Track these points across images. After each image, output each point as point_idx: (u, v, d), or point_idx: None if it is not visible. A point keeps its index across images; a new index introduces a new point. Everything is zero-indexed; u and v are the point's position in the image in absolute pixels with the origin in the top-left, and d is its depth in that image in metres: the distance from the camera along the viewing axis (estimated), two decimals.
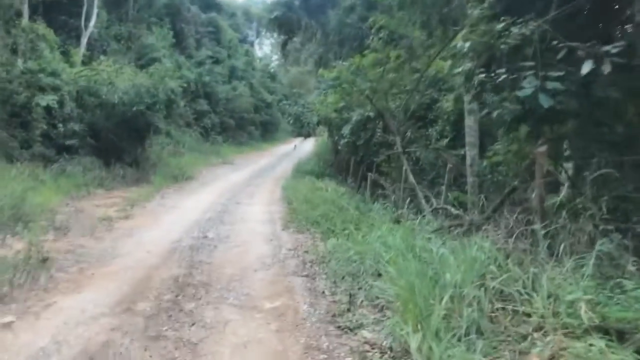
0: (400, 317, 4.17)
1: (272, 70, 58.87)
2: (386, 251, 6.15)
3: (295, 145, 37.51)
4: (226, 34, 44.95)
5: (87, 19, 24.86)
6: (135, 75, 20.29)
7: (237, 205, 14.09)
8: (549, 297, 3.90)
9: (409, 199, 11.24)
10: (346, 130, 18.57)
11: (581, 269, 4.26)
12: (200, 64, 36.06)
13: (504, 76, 5.36)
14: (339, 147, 25.98)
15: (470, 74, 5.88)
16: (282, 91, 54.87)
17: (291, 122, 23.11)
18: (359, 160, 18.88)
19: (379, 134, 17.61)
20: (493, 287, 4.14)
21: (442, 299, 3.98)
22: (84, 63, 22.19)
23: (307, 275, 6.52)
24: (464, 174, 12.07)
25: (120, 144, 18.95)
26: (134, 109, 18.34)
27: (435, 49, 10.81)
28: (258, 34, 76.14)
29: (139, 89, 18.87)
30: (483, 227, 5.98)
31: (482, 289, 4.10)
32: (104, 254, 7.90)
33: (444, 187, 9.85)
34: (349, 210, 10.28)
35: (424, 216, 7.64)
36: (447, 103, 15.40)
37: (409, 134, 13.51)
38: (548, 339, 3.45)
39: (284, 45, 30.24)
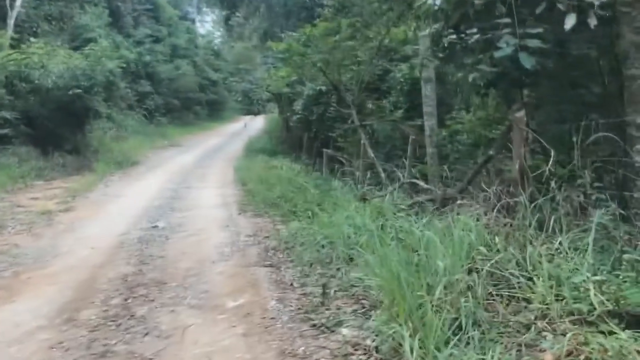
0: (386, 312, 3.67)
1: (215, 47, 57.14)
2: (357, 233, 5.66)
3: (245, 124, 36.65)
4: (165, 11, 43.06)
5: None
6: (69, 57, 18.95)
7: (187, 189, 13.34)
8: (549, 278, 3.47)
9: (368, 174, 10.80)
10: (298, 105, 17.95)
11: (578, 244, 3.88)
12: (139, 43, 34.43)
13: (476, 36, 4.86)
14: (290, 124, 25.41)
15: (439, 35, 5.38)
16: (227, 69, 53.33)
17: (239, 99, 22.24)
18: (312, 136, 18.34)
19: (332, 108, 17.07)
20: (485, 271, 3.69)
21: (431, 289, 3.50)
22: (12, 47, 20.59)
23: (271, 265, 5.95)
24: (422, 145, 11.71)
25: (58, 131, 17.74)
26: (70, 92, 17.17)
27: (392, 14, 10.26)
28: (199, 11, 73.76)
29: (74, 71, 17.69)
30: (457, 202, 5.54)
31: (475, 274, 3.65)
32: (43, 253, 7.11)
33: (406, 160, 9.39)
34: (308, 189, 9.72)
35: (391, 192, 7.15)
36: (399, 73, 14.99)
37: (366, 106, 12.99)
38: (560, 328, 3.02)
39: (226, 20, 29.11)
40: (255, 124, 38.08)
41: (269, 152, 21.71)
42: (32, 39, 21.07)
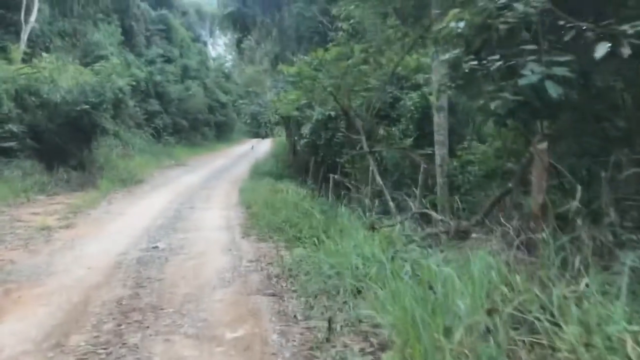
0: (398, 354, 3.37)
1: (226, 70, 57.47)
2: (366, 264, 5.37)
3: (252, 146, 36.60)
4: (178, 32, 43.43)
5: (28, 14, 23.24)
6: (80, 73, 18.94)
7: (191, 210, 13.09)
8: (578, 325, 3.18)
9: (376, 201, 10.55)
10: (306, 129, 17.78)
11: (606, 287, 3.58)
12: (150, 62, 34.60)
13: (498, 63, 4.64)
14: (297, 148, 25.24)
15: (458, 61, 5.16)
16: (237, 91, 53.59)
17: (248, 121, 22.14)
18: (319, 161, 18.12)
19: (341, 133, 16.90)
20: (506, 313, 3.40)
21: (448, 331, 3.21)
22: (24, 61, 20.62)
23: (273, 294, 5.65)
24: (432, 174, 11.47)
25: (64, 146, 17.61)
26: (78, 108, 17.07)
27: (408, 40, 10.10)
28: (211, 34, 74.46)
29: (84, 87, 17.62)
30: (472, 235, 5.27)
31: (495, 316, 3.35)
32: (37, 270, 6.86)
33: (416, 189, 9.13)
34: (314, 215, 9.44)
35: (401, 222, 6.87)
36: (410, 101, 14.84)
37: (376, 132, 12.79)
38: None
39: (238, 43, 29.15)
40: (262, 147, 38.02)
41: (275, 175, 21.48)
42: (43, 54, 21.16)
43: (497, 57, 4.71)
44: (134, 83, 21.46)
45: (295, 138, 19.30)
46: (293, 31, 22.97)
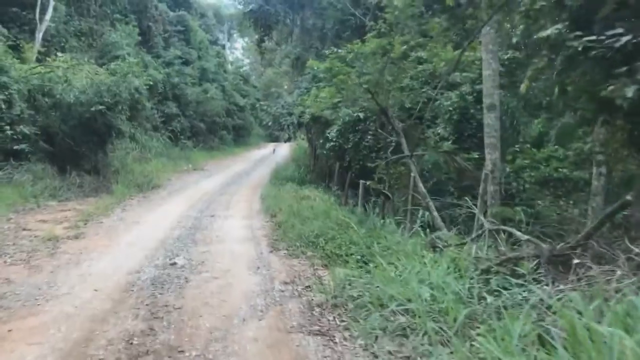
0: None
1: (244, 73, 56.72)
2: (436, 299, 4.25)
3: (274, 149, 35.67)
4: (196, 34, 42.64)
5: (43, 12, 22.46)
6: (95, 72, 18.03)
7: (211, 218, 12.05)
8: None
9: (420, 212, 9.42)
10: (333, 132, 16.69)
11: None
12: (168, 64, 33.75)
13: (626, 38, 3.50)
14: (318, 152, 24.15)
15: (560, 39, 4.03)
16: (255, 95, 52.75)
17: (269, 124, 21.11)
18: (346, 166, 17.01)
19: (370, 136, 15.79)
20: None
21: None
22: (38, 60, 19.81)
23: (320, 332, 4.53)
24: (478, 180, 10.31)
25: (77, 149, 16.71)
26: (93, 109, 16.14)
27: (454, 30, 8.97)
28: (229, 37, 73.98)
29: (99, 87, 16.67)
30: (574, 261, 4.12)
31: None
32: (36, 292, 5.83)
33: (478, 200, 7.97)
34: (351, 227, 8.33)
35: (473, 239, 5.70)
36: (448, 101, 13.68)
37: (413, 135, 11.64)
38: None
39: (259, 42, 28.17)
40: (281, 151, 37.02)
41: (296, 180, 20.37)
42: (58, 54, 20.33)
43: (620, 31, 3.55)
44: (150, 83, 20.49)
45: (321, 141, 18.19)
46: (317, 30, 21.94)
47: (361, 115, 15.63)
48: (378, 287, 4.94)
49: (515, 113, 12.41)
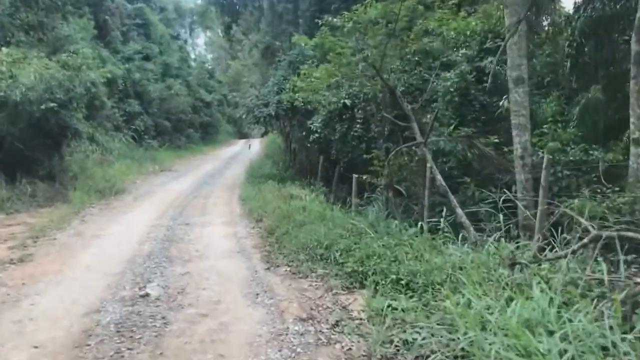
0: None
1: (210, 67, 54.57)
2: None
3: (249, 145, 33.87)
4: (157, 28, 40.40)
5: None
6: (45, 66, 15.93)
7: (187, 227, 10.29)
8: None
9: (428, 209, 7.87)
10: (317, 122, 15.01)
11: None
12: (128, 59, 31.56)
13: None
14: (294, 146, 22.42)
15: None
16: (221, 91, 50.58)
17: (244, 116, 19.32)
18: (333, 160, 15.37)
19: (358, 125, 14.18)
20: None
21: None
22: None
23: None
24: (501, 168, 8.83)
25: (29, 154, 14.65)
26: (43, 107, 14.12)
27: None
28: (191, 32, 71.51)
29: (49, 82, 14.64)
30: None
31: None
32: None
33: (542, 191, 6.42)
34: (366, 233, 6.74)
35: (575, 252, 4.07)
36: (449, 82, 12.18)
37: (420, 120, 10.06)
38: None
39: (226, 29, 26.24)
40: (255, 147, 35.18)
41: (276, 178, 18.58)
42: (3, 49, 18.15)
43: None
44: (108, 76, 18.52)
45: (303, 133, 16.48)
46: (290, 13, 20.22)
47: (348, 102, 14.02)
48: (449, 329, 3.33)
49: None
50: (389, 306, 4.37)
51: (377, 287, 4.95)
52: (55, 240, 9.12)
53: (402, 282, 4.83)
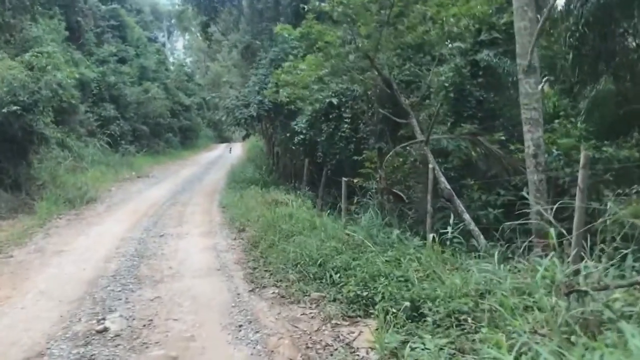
0: None
1: (188, 69, 53.28)
2: None
3: (230, 149, 32.85)
4: (133, 31, 39.08)
5: None
6: (7, 67, 14.76)
7: (161, 240, 9.28)
8: None
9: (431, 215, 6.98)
10: (301, 123, 14.07)
11: None
12: (102, 62, 30.24)
13: None
14: (277, 149, 21.48)
15: None
16: (200, 94, 49.28)
17: (224, 117, 18.30)
18: (319, 162, 14.44)
19: (346, 125, 13.28)
20: None
21: None
22: None
23: None
24: (508, 167, 7.97)
25: None
26: (5, 111, 13.01)
27: None
28: (169, 35, 70.13)
29: (11, 84, 13.52)
30: None
31: None
32: None
33: (579, 193, 5.55)
34: (362, 244, 5.81)
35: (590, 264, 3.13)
36: (443, 76, 11.36)
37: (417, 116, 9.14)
38: None
39: (204, 27, 25.13)
40: (236, 151, 34.10)
41: (258, 182, 17.54)
42: None
43: None
44: (76, 76, 17.40)
45: (287, 135, 15.52)
46: (270, 10, 19.25)
47: (334, 100, 13.11)
48: None
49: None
50: (404, 342, 3.46)
51: (387, 317, 4.03)
52: (11, 259, 8.06)
53: (420, 310, 3.92)
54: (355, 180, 10.55)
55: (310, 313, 4.75)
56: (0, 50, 21.14)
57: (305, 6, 8.96)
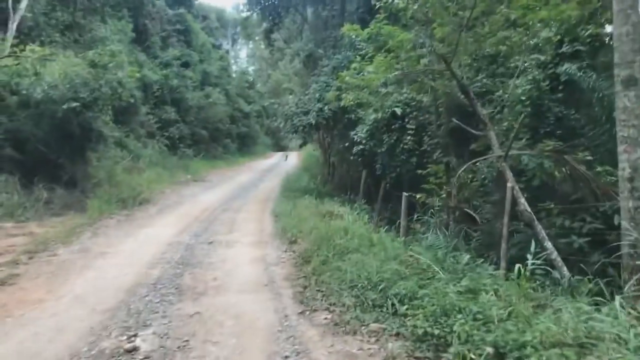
0: None
1: (250, 77, 53.68)
2: None
3: (286, 156, 32.54)
4: (198, 36, 39.56)
5: (18, 0, 19.39)
6: (70, 64, 14.77)
7: (209, 247, 8.79)
8: None
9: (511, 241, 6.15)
10: (361, 133, 13.41)
11: None
12: (166, 65, 30.59)
13: None
14: (333, 159, 20.90)
15: None
16: (261, 102, 49.48)
17: (282, 124, 17.86)
18: (378, 174, 13.72)
19: (409, 137, 12.53)
20: None
21: None
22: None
23: None
24: (596, 192, 7.04)
25: (52, 157, 13.49)
26: (65, 107, 12.94)
27: None
28: (234, 43, 71.08)
29: (73, 80, 13.47)
30: None
31: None
32: None
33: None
34: (431, 270, 5.08)
35: None
36: (519, 89, 10.48)
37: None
38: None
39: (268, 33, 24.93)
40: (292, 160, 33.78)
41: (313, 192, 16.97)
42: (30, 45, 17.22)
43: None
44: (137, 75, 17.36)
45: (346, 144, 14.93)
46: (336, 17, 18.74)
47: (398, 110, 12.39)
48: None
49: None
50: None
51: None
52: (54, 258, 7.75)
53: (505, 359, 3.18)
54: (417, 196, 9.80)
55: (369, 349, 4.05)
56: (67, 48, 21.56)
57: (377, 3, 8.31)
